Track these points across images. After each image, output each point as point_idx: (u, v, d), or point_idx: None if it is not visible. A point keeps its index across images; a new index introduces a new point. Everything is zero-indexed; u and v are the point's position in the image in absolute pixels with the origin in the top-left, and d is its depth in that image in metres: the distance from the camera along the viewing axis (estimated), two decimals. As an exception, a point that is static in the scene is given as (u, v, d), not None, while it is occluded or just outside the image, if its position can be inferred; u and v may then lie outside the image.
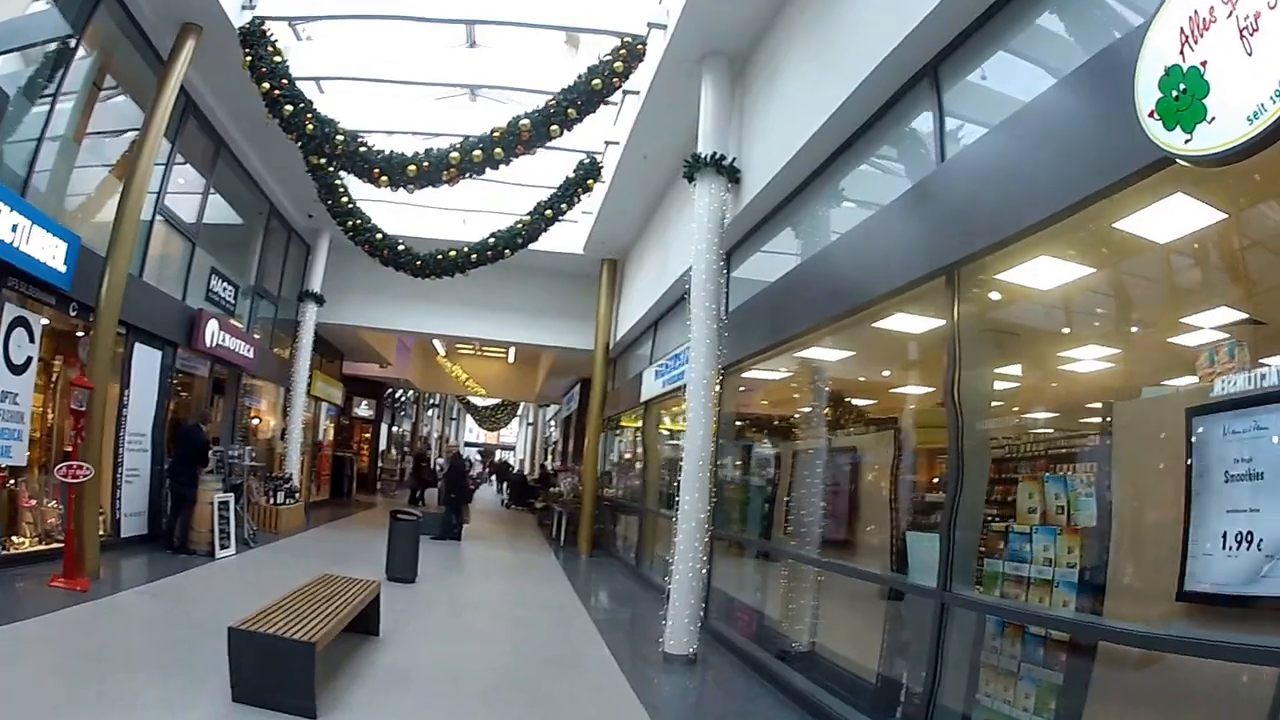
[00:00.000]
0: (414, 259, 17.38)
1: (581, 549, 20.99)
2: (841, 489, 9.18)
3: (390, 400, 44.15)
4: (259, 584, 11.57)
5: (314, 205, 18.97)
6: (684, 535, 10.11)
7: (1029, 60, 6.64)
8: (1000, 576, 5.95)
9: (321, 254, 22.52)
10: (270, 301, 21.49)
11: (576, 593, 14.83)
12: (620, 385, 22.51)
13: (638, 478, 20.34)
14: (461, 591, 14.21)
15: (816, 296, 9.28)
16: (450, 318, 24.19)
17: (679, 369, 15.02)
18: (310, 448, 26.51)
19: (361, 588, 8.79)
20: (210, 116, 15.57)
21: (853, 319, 8.75)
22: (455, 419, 71.44)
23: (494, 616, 12.20)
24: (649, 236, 19.00)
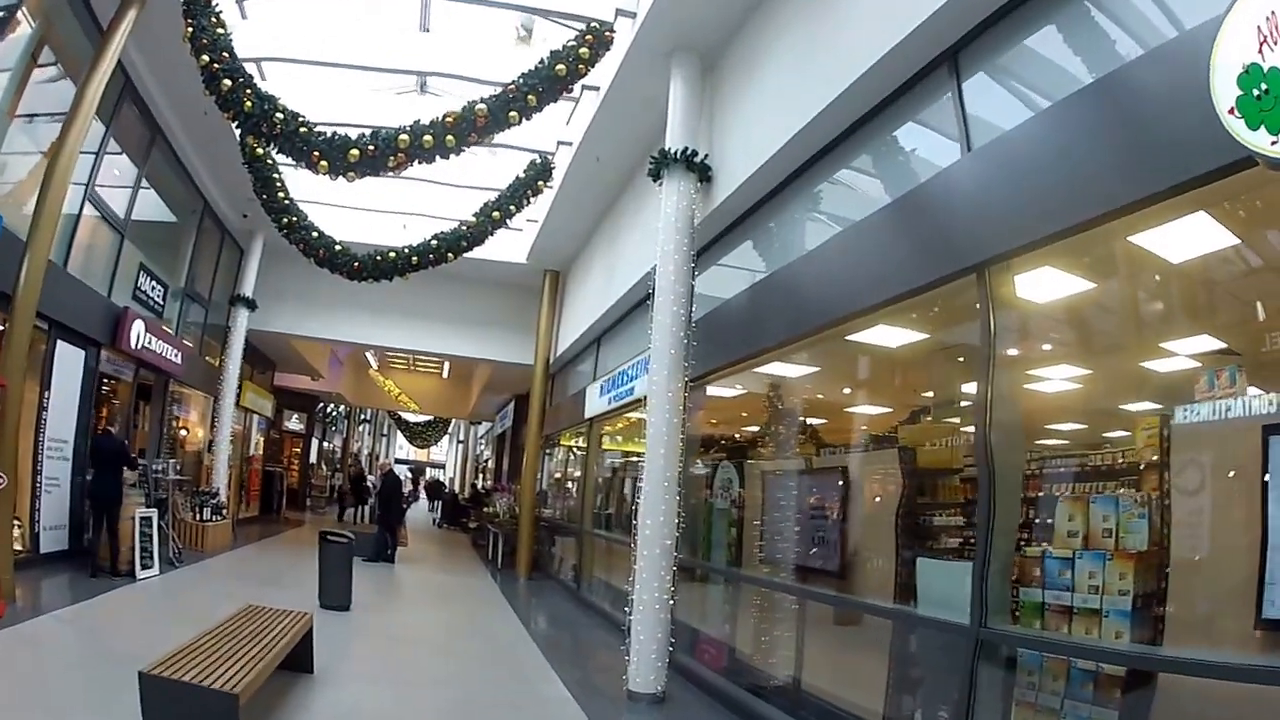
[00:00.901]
0: (351, 260, 16.43)
1: (520, 571, 20.01)
2: (829, 512, 8.38)
3: (322, 414, 42.76)
4: (184, 609, 10.84)
5: (249, 204, 18.05)
6: (647, 563, 9.20)
7: (1069, 41, 5.94)
8: (1040, 607, 5.37)
9: (255, 257, 21.50)
10: (201, 305, 20.49)
11: (520, 619, 13.83)
12: (560, 402, 21.71)
13: (578, 498, 19.46)
14: (400, 620, 13.15)
15: (805, 301, 8.51)
16: (386, 328, 23.46)
17: (628, 385, 14.44)
18: (240, 462, 25.28)
19: (292, 621, 7.78)
20: (148, 100, 14.58)
21: (848, 326, 8.01)
22: (386, 435, 70.27)
23: (438, 649, 11.09)
24: (595, 247, 18.28)
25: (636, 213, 14.63)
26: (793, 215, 9.99)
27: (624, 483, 16.44)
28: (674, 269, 9.85)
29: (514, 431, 33.08)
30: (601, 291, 16.97)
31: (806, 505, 8.76)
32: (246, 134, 11.39)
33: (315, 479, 41.07)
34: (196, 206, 18.93)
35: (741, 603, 10.21)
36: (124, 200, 15.05)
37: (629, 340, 15.76)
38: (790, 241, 9.96)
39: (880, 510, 7.86)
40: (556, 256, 20.67)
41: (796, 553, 8.82)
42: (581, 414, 18.21)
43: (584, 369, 20.25)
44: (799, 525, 8.81)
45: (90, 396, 14.00)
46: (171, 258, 18.49)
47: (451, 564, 22.93)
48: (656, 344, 9.68)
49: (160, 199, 17.49)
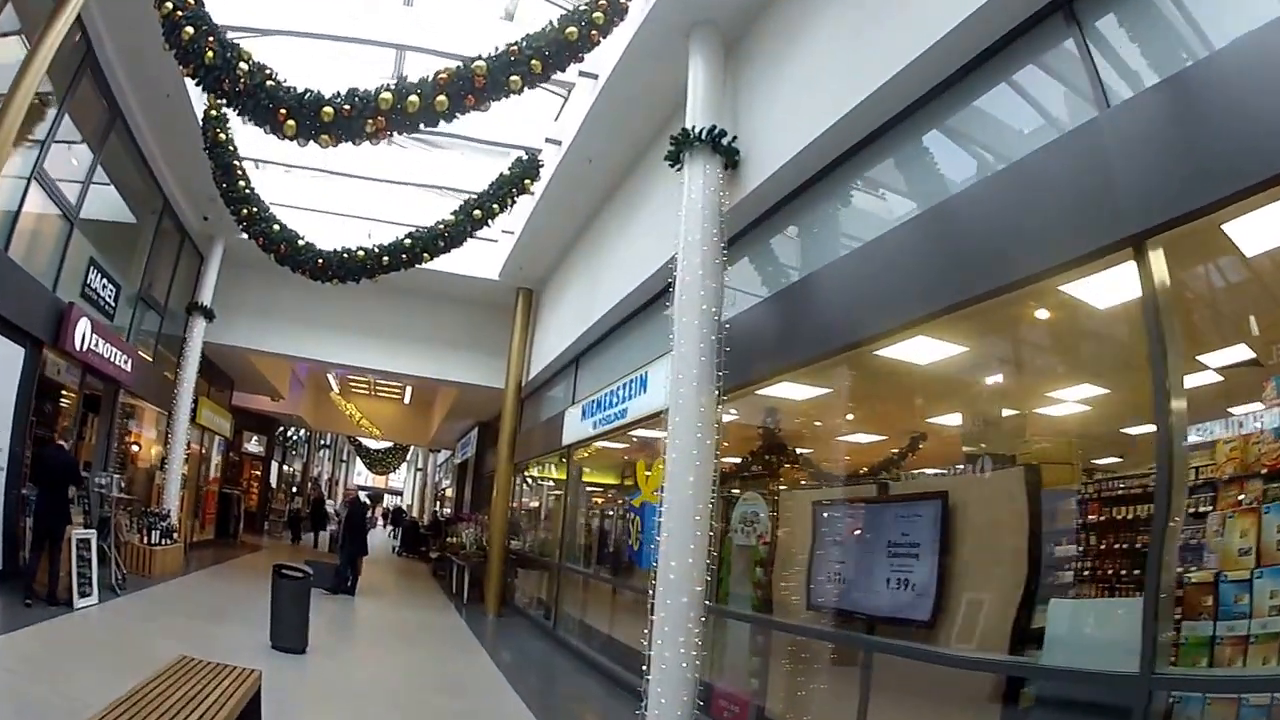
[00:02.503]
0: (315, 257, 14.58)
1: (489, 608, 18.18)
2: (919, 548, 6.65)
3: (282, 438, 41.25)
4: (118, 648, 9.41)
5: (211, 205, 16.48)
6: (670, 614, 7.49)
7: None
8: (1209, 642, 4.43)
9: (214, 265, 19.54)
10: (157, 313, 18.46)
11: (498, 666, 11.95)
12: (532, 428, 19.88)
13: (552, 530, 17.86)
14: (363, 668, 11.16)
15: (904, 281, 6.83)
16: (349, 346, 21.81)
17: (619, 406, 12.82)
18: (195, 482, 23.39)
19: (235, 682, 5.89)
20: (108, 74, 12.79)
21: (978, 308, 6.24)
22: (346, 461, 68.96)
23: (409, 710, 9.17)
24: (575, 263, 16.78)
25: (627, 222, 13.34)
26: (842, 203, 8.46)
27: (606, 515, 15.10)
28: (701, 261, 8.23)
29: (478, 459, 31.74)
30: (582, 309, 15.52)
31: (883, 540, 7.02)
32: (207, 89, 9.37)
33: (274, 503, 39.29)
34: (156, 205, 17.10)
35: (773, 653, 8.53)
36: (78, 191, 13.26)
37: (614, 360, 14.32)
38: (839, 233, 8.44)
39: (997, 543, 6.22)
40: (531, 273, 19.22)
41: (863, 598, 7.10)
42: (558, 440, 16.57)
43: (558, 393, 18.58)
44: (867, 565, 7.12)
45: (29, 401, 12.05)
46: (127, 260, 16.57)
47: (414, 597, 21.14)
48: (681, 350, 8.02)
49: (119, 194, 15.72)
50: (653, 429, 12.39)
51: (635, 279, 12.20)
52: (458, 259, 17.27)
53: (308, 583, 11.13)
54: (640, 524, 11.19)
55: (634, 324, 13.53)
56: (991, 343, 7.65)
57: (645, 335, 12.76)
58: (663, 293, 11.39)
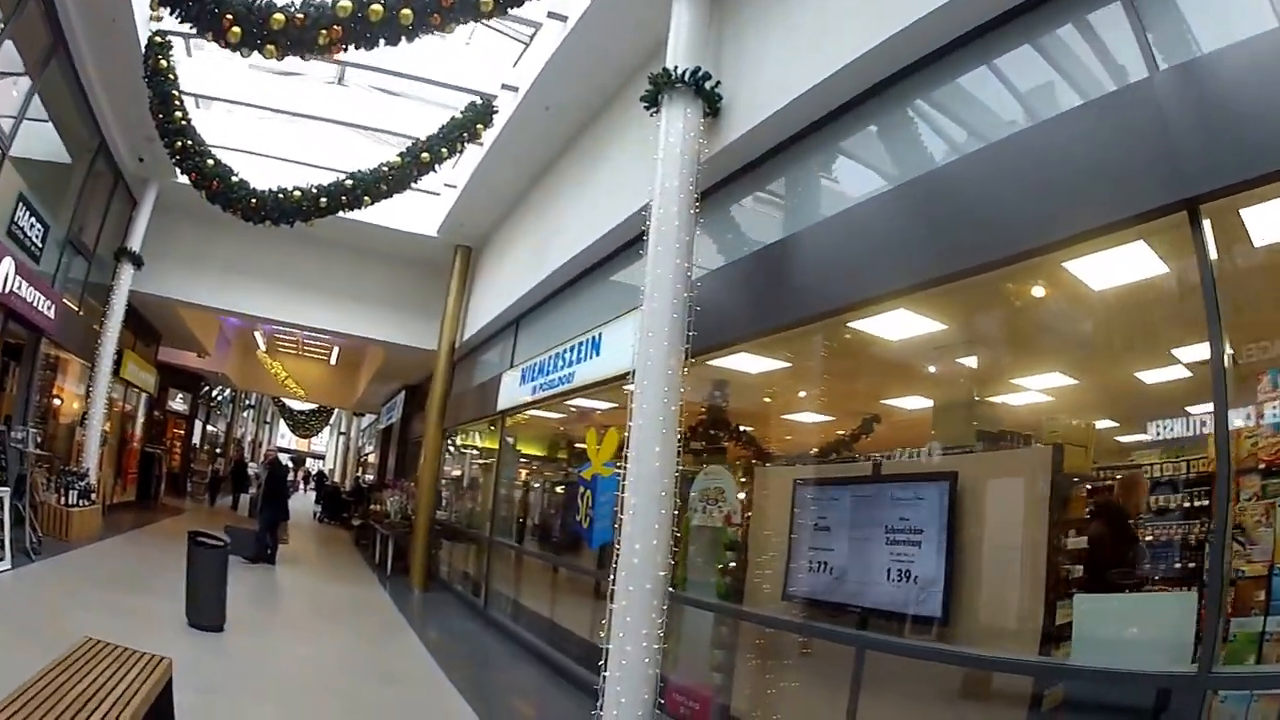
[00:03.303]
0: (248, 196, 13.44)
1: (415, 582, 17.19)
2: (924, 536, 5.93)
3: (207, 397, 39.88)
4: (30, 621, 8.65)
5: (148, 145, 15.37)
6: (633, 603, 6.56)
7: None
8: (1258, 638, 4.16)
9: (146, 209, 18.17)
10: (85, 259, 17.08)
11: (429, 650, 11.00)
12: (464, 392, 18.86)
13: (482, 502, 17.01)
14: (285, 651, 10.05)
15: (903, 246, 6.25)
16: (279, 301, 20.68)
17: (565, 370, 11.94)
18: (117, 440, 22.17)
19: (144, 671, 5.02)
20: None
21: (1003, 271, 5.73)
22: (270, 423, 67.18)
23: (337, 702, 8.16)
24: (522, 218, 15.76)
25: (583, 176, 12.43)
26: (832, 161, 7.90)
27: (545, 487, 14.27)
28: (677, 211, 7.34)
29: (403, 424, 30.93)
30: (527, 267, 14.54)
31: (878, 526, 6.29)
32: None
33: (197, 464, 37.89)
34: (93, 145, 15.83)
35: (740, 646, 7.81)
36: (11, 125, 12.07)
37: (561, 322, 13.44)
38: (829, 195, 7.83)
39: (1016, 531, 5.61)
40: (473, 230, 18.15)
41: (857, 590, 6.38)
42: (493, 405, 15.59)
43: (494, 357, 17.67)
44: (861, 553, 6.40)
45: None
46: (57, 201, 15.26)
47: (337, 568, 19.91)
48: (653, 305, 7.12)
49: (55, 132, 14.50)
50: (599, 397, 11.82)
51: (591, 235, 11.39)
52: (396, 213, 17.01)
53: (225, 553, 10.18)
54: (591, 498, 10.27)
55: (586, 283, 12.69)
56: (994, 319, 7.14)
57: (599, 295, 12.01)
58: (621, 250, 10.94)
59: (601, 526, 9.85)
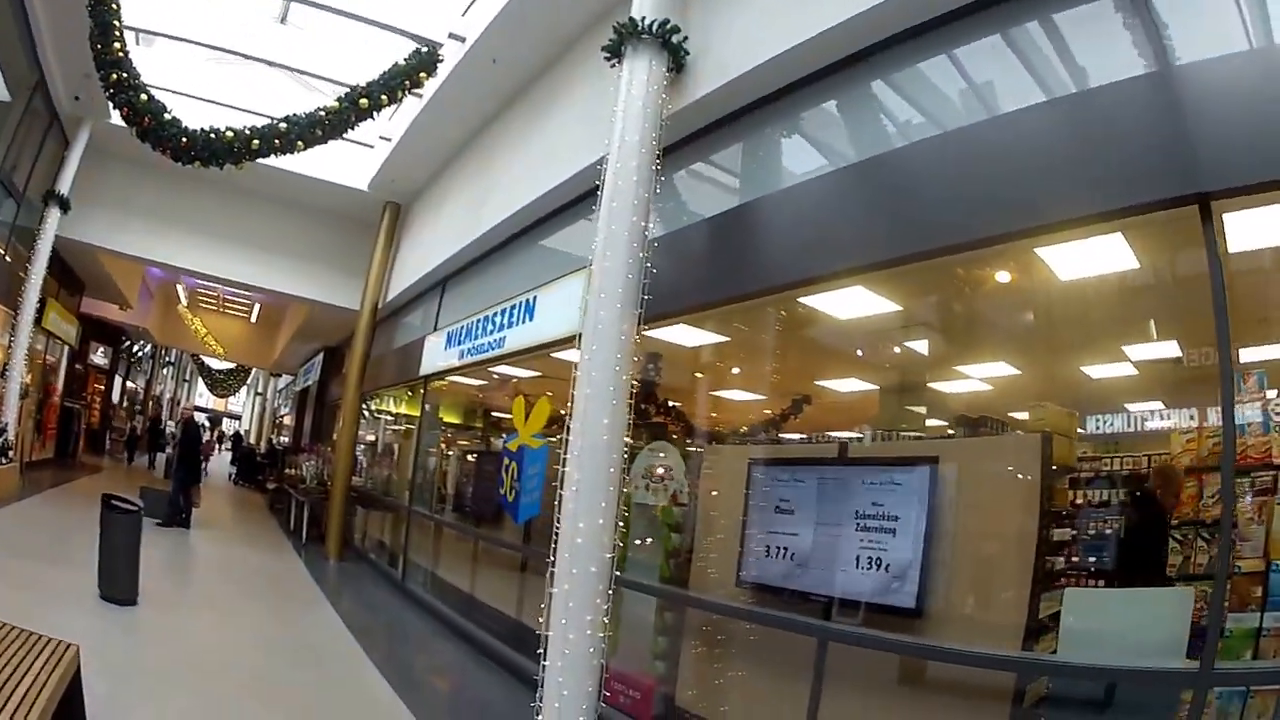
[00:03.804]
0: (179, 133, 12.62)
1: (330, 552, 16.45)
2: (899, 523, 5.55)
3: (128, 352, 38.33)
4: None
5: (85, 83, 14.62)
6: (576, 587, 5.97)
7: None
8: (1255, 634, 4.27)
9: (78, 151, 17.08)
10: (14, 200, 16.18)
11: (348, 627, 10.33)
12: (385, 355, 18.08)
13: (400, 470, 16.51)
14: (200, 628, 9.26)
15: (875, 220, 5.91)
16: (204, 252, 19.62)
17: (496, 334, 11.33)
18: (39, 394, 21.15)
19: (51, 660, 4.44)
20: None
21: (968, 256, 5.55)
22: (188, 381, 65.28)
23: (256, 688, 7.45)
24: (458, 175, 14.95)
25: (527, 133, 11.69)
26: (805, 128, 7.36)
27: (467, 456, 13.64)
28: (637, 166, 6.73)
29: (321, 386, 30.05)
30: (459, 226, 13.79)
31: (847, 511, 5.90)
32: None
33: (116, 420, 36.51)
34: (31, 81, 15.01)
35: (687, 634, 7.33)
36: None
37: (492, 284, 12.78)
38: (796, 161, 7.42)
39: (1001, 522, 5.35)
40: (404, 186, 17.33)
41: (821, 577, 5.97)
42: (415, 369, 14.92)
43: (417, 319, 16.93)
44: (827, 540, 6.00)
45: None
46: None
47: (251, 534, 18.96)
48: (606, 264, 6.52)
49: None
50: (530, 365, 11.40)
51: (529, 194, 10.76)
52: (327, 165, 16.75)
53: (139, 518, 9.48)
54: (517, 471, 9.70)
55: (521, 244, 12.06)
56: (956, 305, 7.07)
57: (534, 258, 11.45)
58: (561, 211, 10.55)
59: (528, 501, 9.39)
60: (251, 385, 61.91)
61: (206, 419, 44.08)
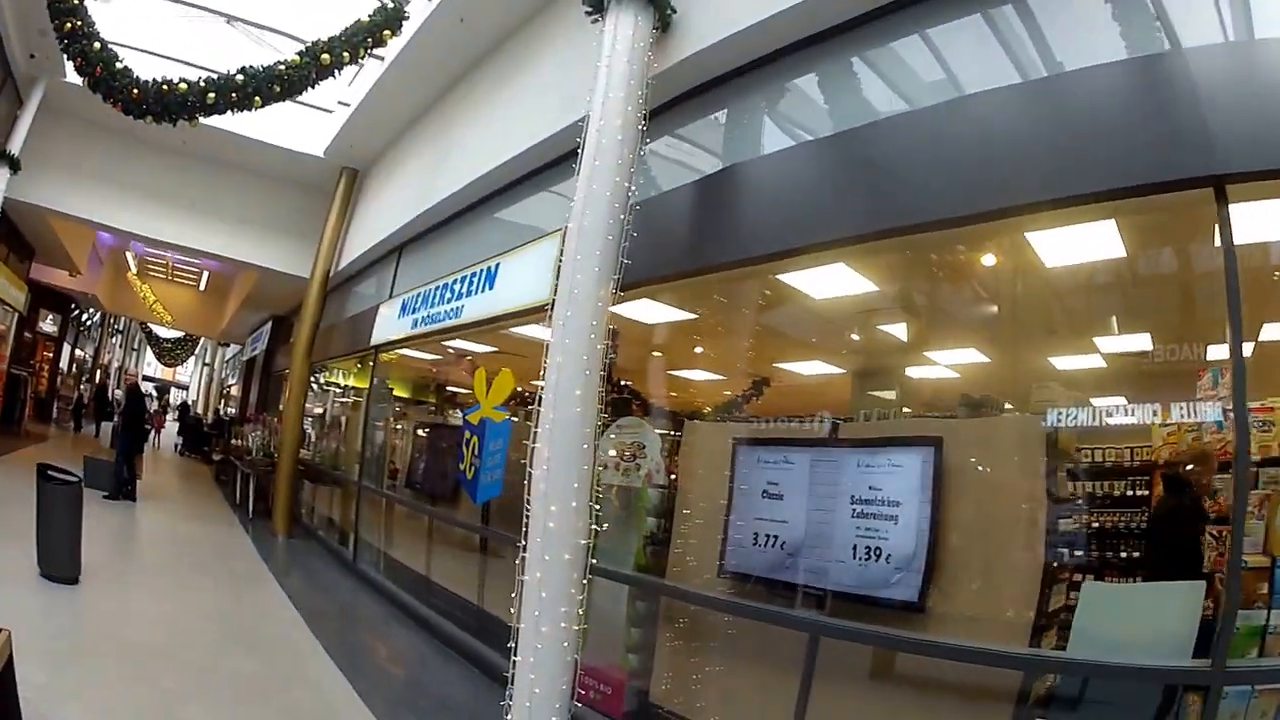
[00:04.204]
0: (131, 84, 12.00)
1: (278, 527, 15.81)
2: (899, 510, 5.20)
3: (77, 320, 37.34)
4: None
5: (41, 40, 13.96)
6: (550, 577, 5.43)
7: None
8: (1260, 631, 4.15)
9: (31, 110, 16.35)
10: None
11: (298, 609, 9.75)
12: (336, 324, 17.39)
13: (350, 443, 15.82)
14: (143, 611, 8.61)
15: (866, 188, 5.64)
16: (154, 217, 18.81)
17: (454, 303, 10.77)
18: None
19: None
20: None
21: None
22: (137, 350, 64.25)
23: (202, 678, 6.83)
24: (418, 139, 14.26)
25: (493, 96, 11.12)
26: (795, 94, 7.03)
27: (422, 430, 12.94)
28: (622, 124, 6.22)
29: (268, 356, 29.24)
30: (417, 192, 13.17)
31: (842, 496, 5.54)
32: None
33: (64, 389, 35.69)
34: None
35: (663, 625, 6.87)
36: None
37: (451, 251, 12.26)
38: (787, 128, 7.05)
39: (1006, 509, 5.02)
40: (362, 151, 16.59)
41: (814, 567, 5.62)
42: (366, 339, 14.26)
43: (370, 287, 16.29)
44: (820, 526, 5.62)
45: None
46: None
47: (197, 507, 18.16)
48: (586, 224, 5.99)
49: None
50: (487, 336, 10.86)
51: (496, 158, 10.18)
52: (283, 129, 16.35)
53: (79, 490, 8.88)
54: (478, 446, 9.16)
55: (483, 211, 11.50)
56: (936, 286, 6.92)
57: (496, 225, 10.97)
58: (526, 178, 10.10)
59: (489, 480, 8.83)
60: (199, 355, 60.60)
61: (154, 388, 43.15)
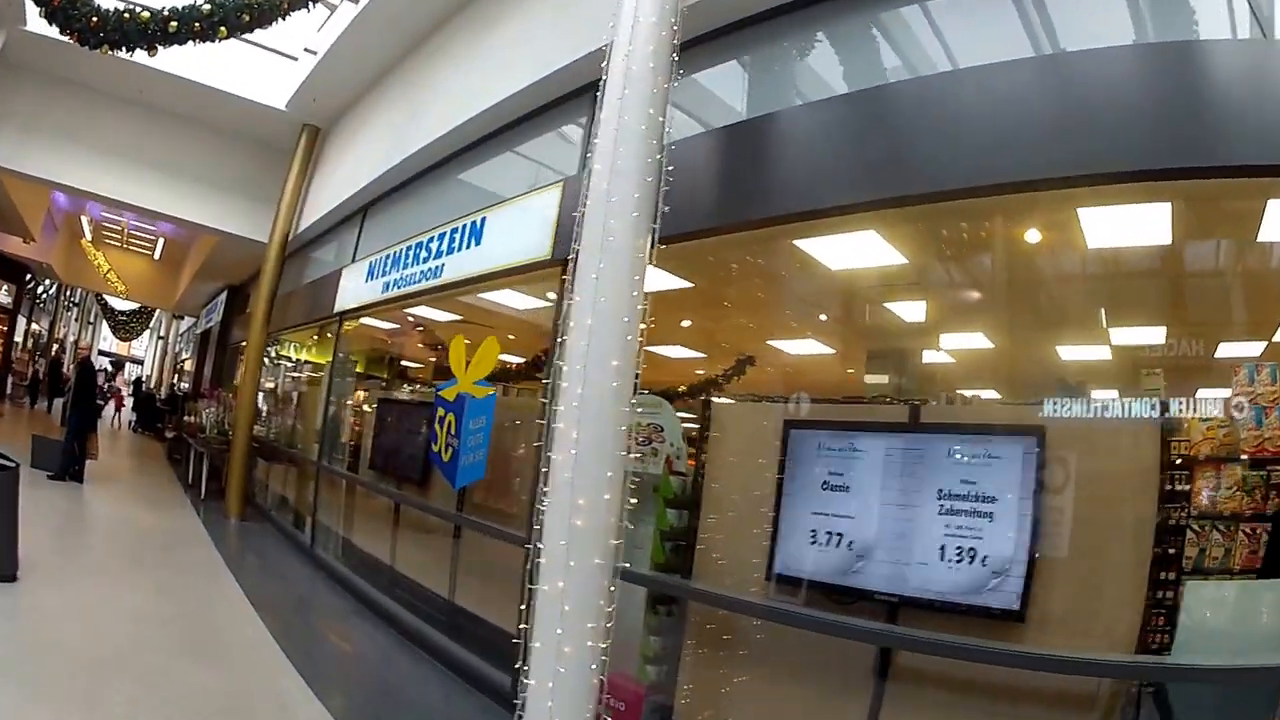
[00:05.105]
0: (90, 12, 10.87)
1: (230, 509, 14.65)
2: (996, 505, 4.51)
3: (32, 292, 36.32)
4: None
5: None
6: (577, 585, 4.36)
7: None
8: None
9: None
10: None
11: (255, 608, 8.64)
12: (295, 291, 16.19)
13: (309, 420, 14.73)
14: (88, 610, 7.48)
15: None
16: (111, 175, 17.47)
17: (432, 262, 9.64)
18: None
19: None
20: None
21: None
22: (93, 323, 62.23)
23: (147, 697, 5.76)
24: (388, 91, 13.12)
25: (484, 31, 9.94)
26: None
27: (390, 405, 11.82)
28: (655, 50, 5.07)
29: (223, 328, 28.12)
30: (387, 146, 12.04)
31: (928, 490, 4.76)
32: None
33: (18, 364, 34.51)
34: None
35: (689, 634, 5.94)
36: None
37: (425, 208, 11.14)
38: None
39: (1113, 506, 4.42)
40: (326, 106, 15.37)
41: (893, 571, 4.80)
42: (329, 305, 13.11)
43: (331, 251, 15.28)
44: (901, 524, 4.84)
45: None
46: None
47: (148, 488, 17.00)
48: (619, 165, 4.83)
49: None
50: (447, 299, 10.00)
51: (481, 103, 9.15)
52: (244, 79, 15.26)
53: (15, 477, 7.83)
54: (455, 424, 8.09)
55: (464, 162, 10.44)
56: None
57: (480, 176, 10.04)
58: (512, 126, 9.28)
59: (470, 461, 7.83)
60: (154, 329, 59.28)
61: (110, 363, 42.07)
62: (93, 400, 15.89)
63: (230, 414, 17.69)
